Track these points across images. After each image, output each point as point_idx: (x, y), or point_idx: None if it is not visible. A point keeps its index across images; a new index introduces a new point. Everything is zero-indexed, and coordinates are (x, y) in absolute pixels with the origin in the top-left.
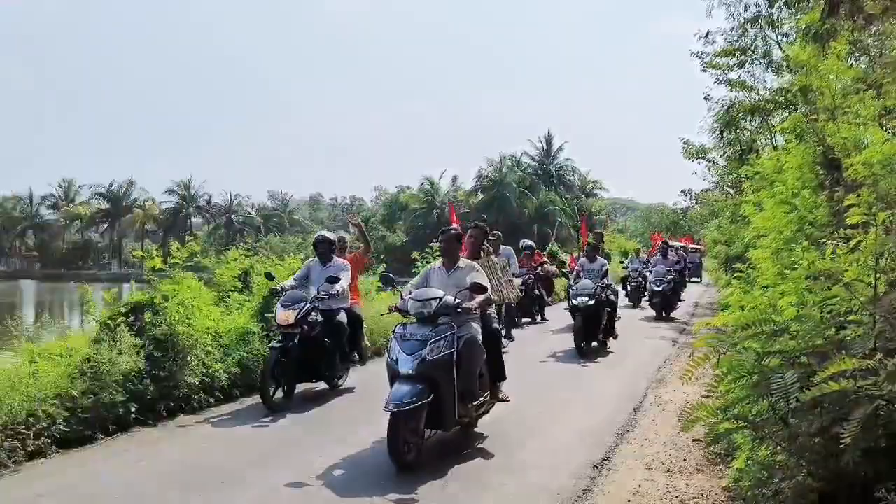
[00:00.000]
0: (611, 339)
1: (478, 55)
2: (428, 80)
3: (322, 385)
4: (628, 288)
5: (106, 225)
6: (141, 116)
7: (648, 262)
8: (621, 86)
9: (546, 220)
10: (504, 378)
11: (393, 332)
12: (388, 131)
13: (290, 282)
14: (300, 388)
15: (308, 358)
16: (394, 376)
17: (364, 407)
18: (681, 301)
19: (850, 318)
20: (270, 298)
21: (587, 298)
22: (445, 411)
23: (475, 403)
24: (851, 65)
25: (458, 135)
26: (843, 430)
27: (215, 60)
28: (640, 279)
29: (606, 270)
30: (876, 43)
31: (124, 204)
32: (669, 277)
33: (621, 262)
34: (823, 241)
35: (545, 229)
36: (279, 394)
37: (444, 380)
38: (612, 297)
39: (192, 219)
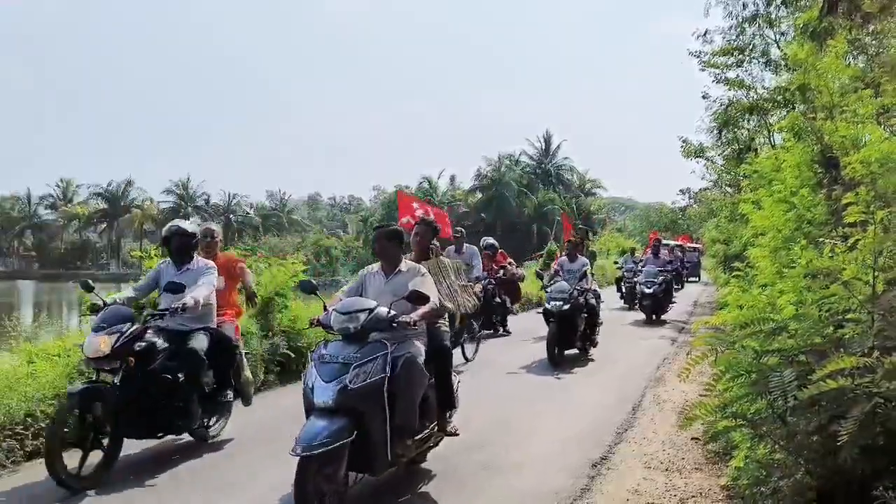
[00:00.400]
0: (591, 347)
1: (477, 55)
2: (427, 80)
3: (187, 438)
4: (623, 289)
5: (104, 225)
6: (140, 116)
7: (641, 261)
8: (621, 86)
9: (545, 219)
10: (454, 406)
11: (311, 352)
12: (387, 131)
13: (126, 293)
14: (144, 446)
15: (146, 403)
16: (310, 408)
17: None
18: (673, 303)
19: (849, 316)
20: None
21: (562, 302)
22: (375, 451)
23: (417, 438)
24: (849, 63)
25: (457, 135)
26: (840, 427)
27: (214, 60)
28: (636, 280)
29: (586, 271)
30: (874, 41)
31: (122, 204)
32: (661, 278)
33: (616, 263)
34: (822, 239)
35: (544, 228)
36: (92, 459)
37: (372, 412)
38: (593, 301)
39: (191, 218)
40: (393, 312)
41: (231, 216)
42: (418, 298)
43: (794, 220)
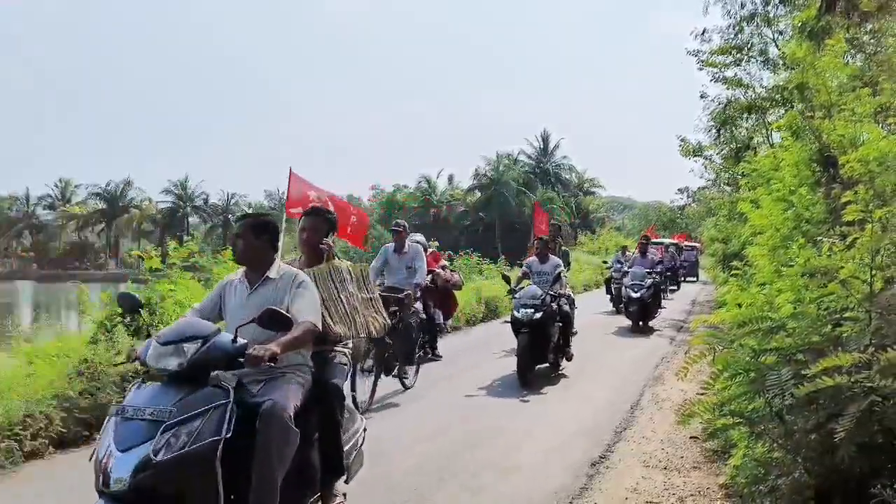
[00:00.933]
0: (564, 360)
1: (477, 55)
2: (427, 80)
3: None
4: (613, 291)
5: (102, 225)
6: (138, 116)
7: (628, 261)
8: (619, 85)
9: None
10: (342, 473)
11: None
12: (386, 131)
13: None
14: None
15: None
16: (101, 491)
17: None
18: (662, 308)
19: (847, 315)
20: None
21: (533, 310)
22: None
23: None
24: (847, 62)
25: (456, 134)
26: (838, 425)
27: (213, 60)
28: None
29: (559, 273)
30: (871, 40)
31: (121, 204)
32: (648, 282)
33: (605, 262)
34: (820, 238)
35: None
36: None
37: (198, 496)
38: (567, 308)
39: (189, 218)
40: (242, 341)
41: (230, 216)
42: (272, 321)
43: (793, 218)
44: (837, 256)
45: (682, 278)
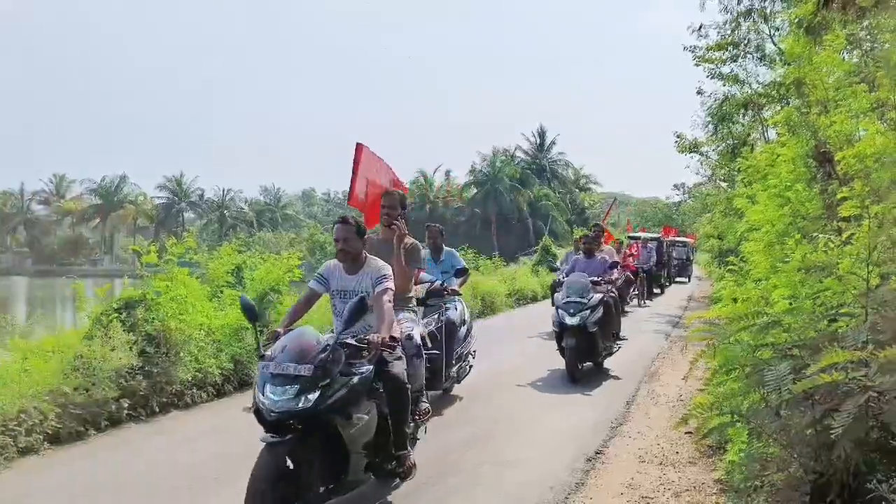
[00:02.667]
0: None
1: (476, 52)
2: (424, 76)
3: None
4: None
5: (97, 221)
6: (134, 112)
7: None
8: (616, 81)
9: (540, 214)
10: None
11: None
12: (382, 126)
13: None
14: None
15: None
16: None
17: None
18: (622, 340)
19: (843, 310)
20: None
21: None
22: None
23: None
24: (844, 58)
25: (454, 131)
26: (834, 421)
27: (209, 54)
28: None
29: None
30: (868, 36)
31: (116, 199)
32: (594, 297)
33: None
34: (816, 234)
35: (539, 223)
36: None
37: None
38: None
39: (185, 214)
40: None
41: (225, 212)
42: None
43: (789, 214)
44: (833, 252)
45: (668, 281)
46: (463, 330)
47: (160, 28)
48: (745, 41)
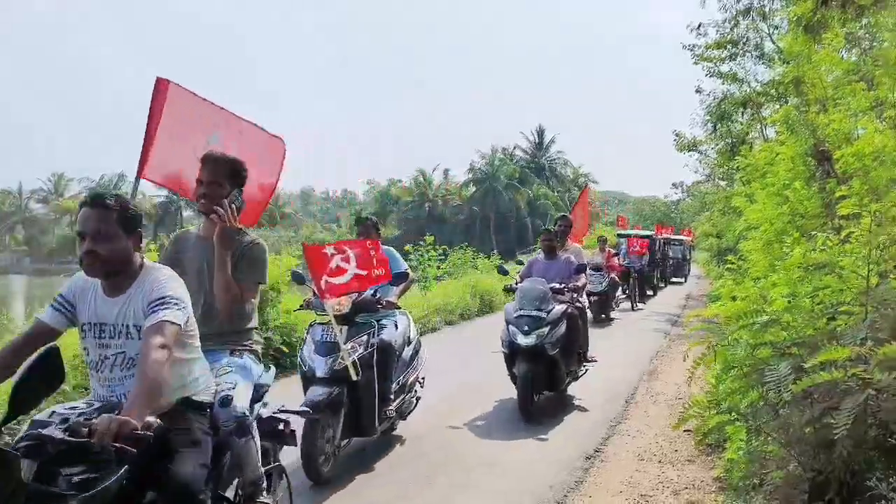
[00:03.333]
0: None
1: (474, 50)
2: (423, 74)
3: None
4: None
5: None
6: (131, 109)
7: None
8: (614, 80)
9: (539, 212)
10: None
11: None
12: (381, 125)
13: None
14: None
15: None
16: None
17: None
18: (588, 363)
19: (842, 308)
20: None
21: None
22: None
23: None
24: (843, 57)
25: (452, 130)
26: (834, 420)
27: (206, 52)
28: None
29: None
30: (867, 35)
31: None
32: (557, 309)
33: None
34: (814, 232)
35: (538, 222)
36: None
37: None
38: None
39: (183, 213)
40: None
41: None
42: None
43: (787, 213)
44: (832, 251)
45: (664, 281)
46: (408, 352)
47: (158, 26)
48: (744, 39)
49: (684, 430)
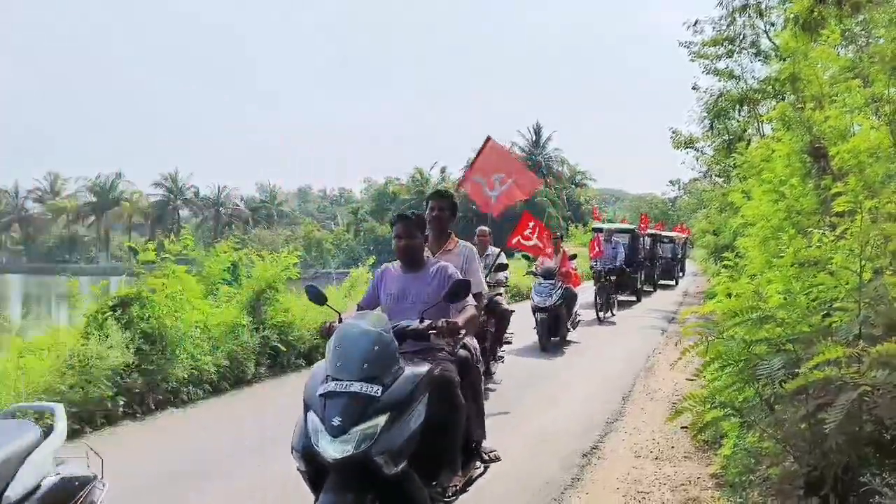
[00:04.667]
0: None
1: (473, 48)
2: (422, 72)
3: None
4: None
5: (92, 218)
6: (129, 108)
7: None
8: (612, 78)
9: (535, 210)
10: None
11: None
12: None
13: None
14: None
15: None
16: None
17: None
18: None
19: (836, 305)
20: None
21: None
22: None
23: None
24: (839, 54)
25: (450, 128)
26: (827, 416)
27: (206, 52)
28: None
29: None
30: (863, 32)
31: (111, 197)
32: (388, 398)
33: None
34: (810, 229)
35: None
36: None
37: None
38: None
39: (180, 211)
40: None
41: (221, 209)
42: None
43: (784, 209)
44: (827, 247)
45: (651, 285)
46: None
47: (156, 25)
48: (741, 37)
49: (681, 427)
